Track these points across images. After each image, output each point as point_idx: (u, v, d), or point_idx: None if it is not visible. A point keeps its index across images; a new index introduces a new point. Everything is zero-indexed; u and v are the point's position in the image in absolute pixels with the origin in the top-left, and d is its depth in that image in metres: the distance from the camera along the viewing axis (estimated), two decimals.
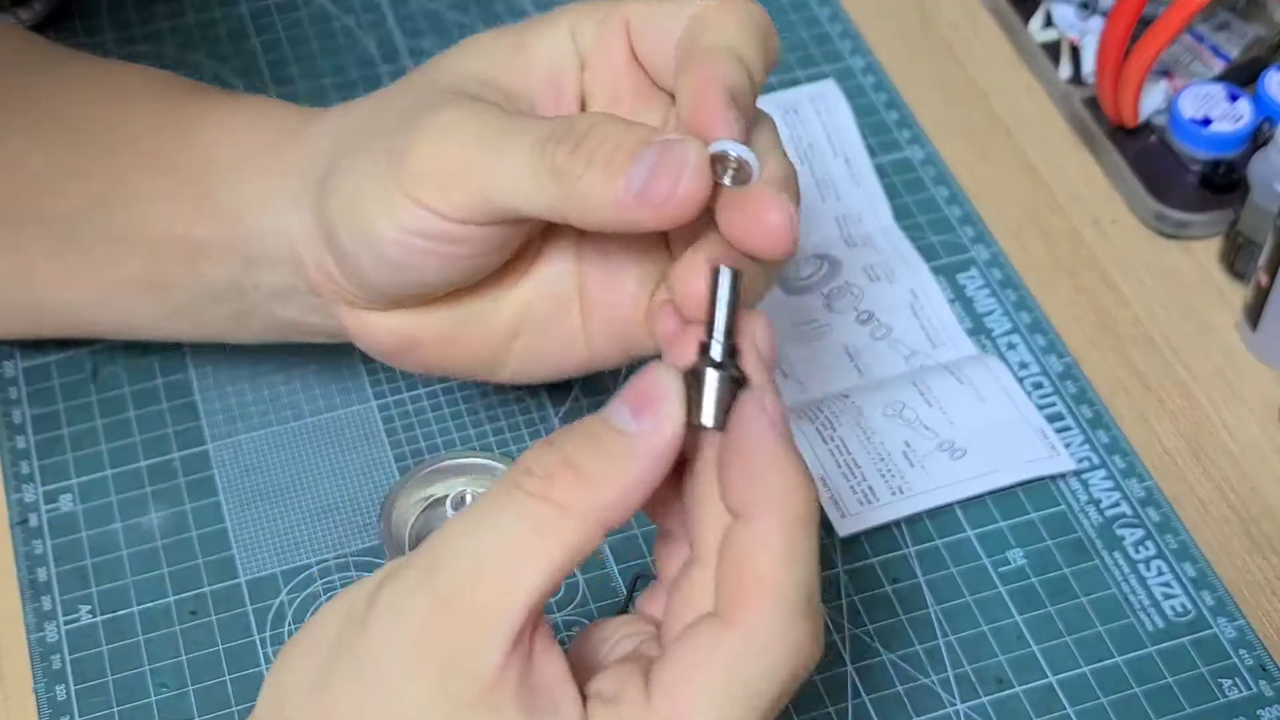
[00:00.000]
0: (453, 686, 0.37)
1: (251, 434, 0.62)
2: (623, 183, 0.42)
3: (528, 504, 0.38)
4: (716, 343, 0.41)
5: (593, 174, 0.42)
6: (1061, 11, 0.74)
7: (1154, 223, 0.68)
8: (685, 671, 0.38)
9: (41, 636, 0.56)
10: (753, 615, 0.37)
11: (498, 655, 0.37)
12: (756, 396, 0.40)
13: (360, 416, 0.62)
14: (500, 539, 0.38)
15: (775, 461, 0.39)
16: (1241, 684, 0.55)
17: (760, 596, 0.37)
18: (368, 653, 0.38)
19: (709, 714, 0.37)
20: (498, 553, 0.38)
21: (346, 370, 0.64)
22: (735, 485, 0.39)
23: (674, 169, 0.42)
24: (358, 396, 0.63)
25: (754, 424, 0.39)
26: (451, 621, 0.37)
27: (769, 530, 0.38)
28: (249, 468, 0.61)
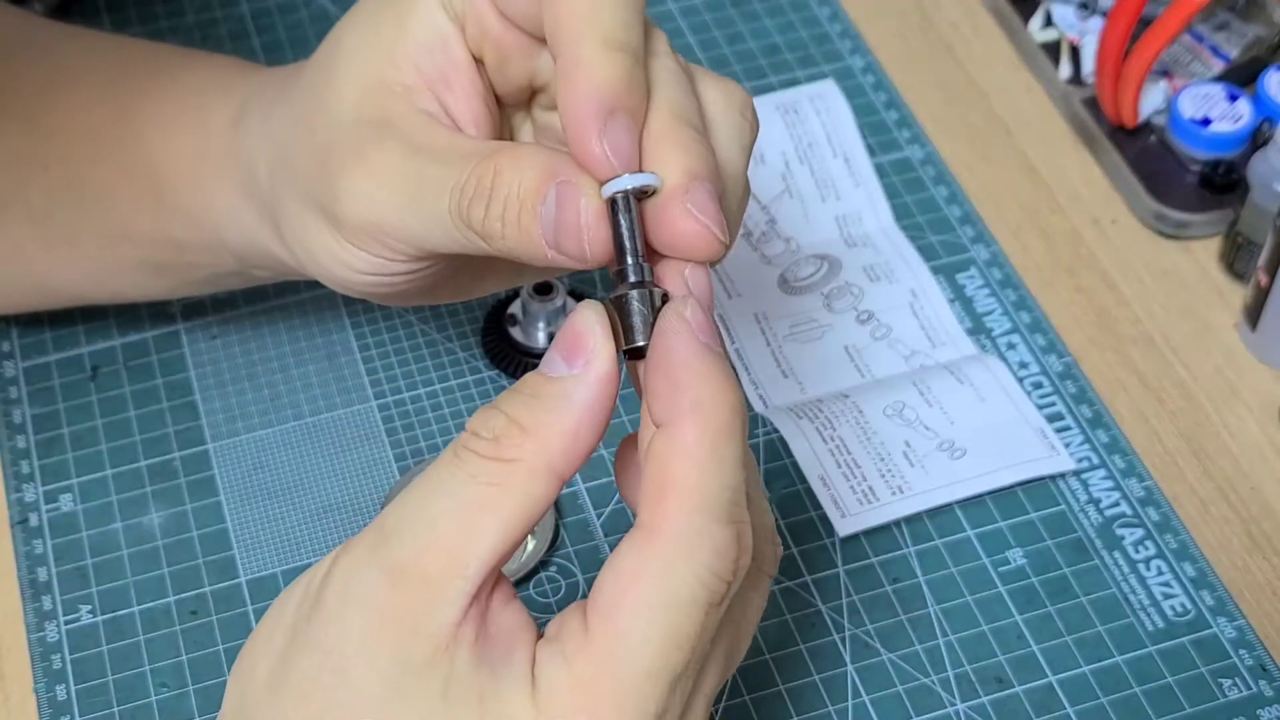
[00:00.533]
0: (408, 652, 0.37)
1: (251, 434, 0.62)
2: (538, 238, 0.41)
3: (476, 464, 0.38)
4: (630, 265, 0.40)
5: (510, 233, 0.42)
6: (1061, 11, 0.74)
7: (1154, 223, 0.68)
8: (616, 592, 0.37)
9: (42, 636, 0.56)
10: (677, 522, 0.37)
11: (454, 614, 0.37)
12: (677, 308, 0.39)
13: (360, 416, 0.62)
14: (450, 504, 0.38)
15: (696, 370, 0.38)
16: (1241, 684, 0.55)
17: (681, 502, 0.37)
18: (323, 635, 0.38)
19: (646, 629, 0.37)
20: (449, 518, 0.37)
21: (346, 370, 0.64)
22: (658, 396, 0.38)
23: (573, 229, 0.40)
24: (358, 396, 0.63)
25: (675, 335, 0.38)
26: (406, 592, 0.37)
27: (689, 437, 0.37)
28: (249, 468, 0.61)
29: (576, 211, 0.40)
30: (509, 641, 0.38)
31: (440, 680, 0.37)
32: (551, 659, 0.38)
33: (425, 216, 0.44)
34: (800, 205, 0.68)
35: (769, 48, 0.76)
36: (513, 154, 0.42)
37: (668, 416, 0.38)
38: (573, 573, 0.58)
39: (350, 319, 0.65)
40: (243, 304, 0.66)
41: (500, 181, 0.41)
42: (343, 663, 0.38)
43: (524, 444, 0.38)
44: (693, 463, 0.37)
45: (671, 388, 0.38)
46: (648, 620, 0.37)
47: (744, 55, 0.76)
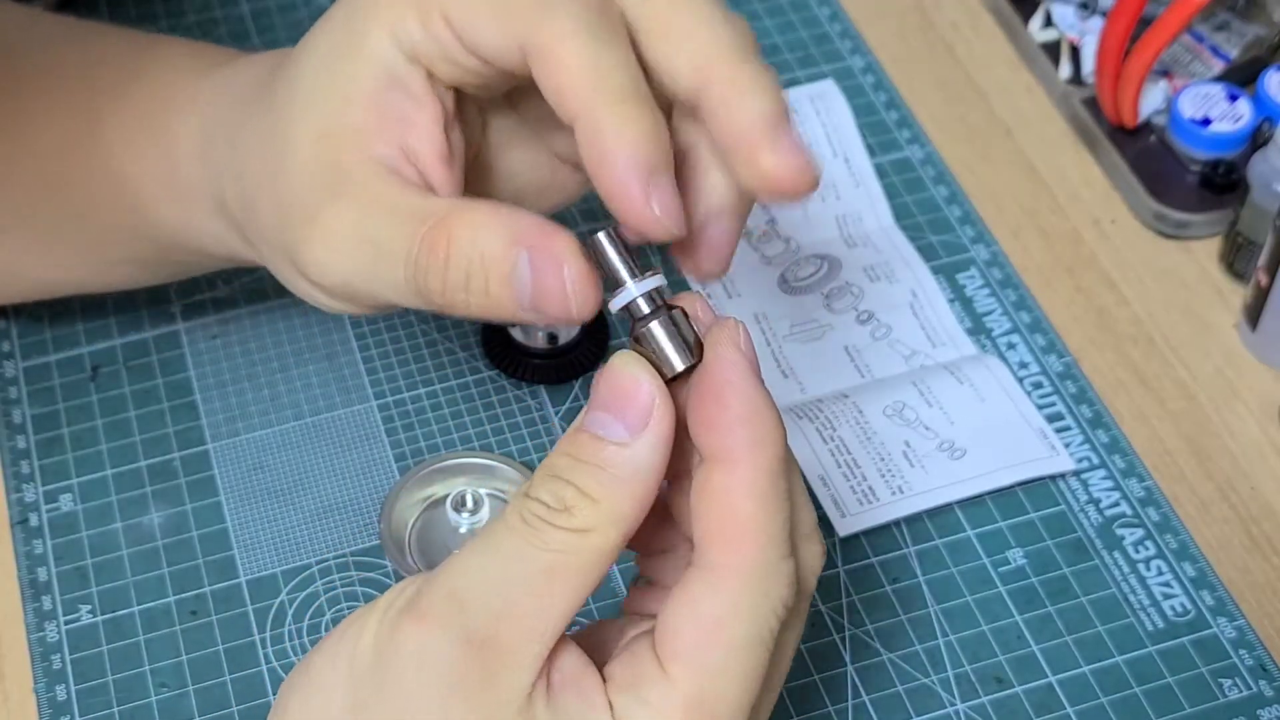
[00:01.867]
0: (486, 713, 0.37)
1: (251, 434, 0.62)
2: (511, 303, 0.40)
3: (550, 534, 0.38)
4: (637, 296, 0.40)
5: (476, 301, 0.41)
6: (1061, 12, 0.74)
7: (1154, 223, 0.68)
8: (700, 634, 0.38)
9: (42, 636, 0.56)
10: (754, 561, 0.37)
11: (530, 677, 0.38)
12: (730, 336, 0.39)
13: (360, 416, 0.62)
14: (526, 573, 0.38)
15: (755, 405, 0.38)
16: (1241, 684, 0.55)
17: (756, 541, 0.38)
18: (397, 702, 0.38)
19: (736, 668, 0.37)
20: (525, 589, 0.38)
21: (346, 370, 0.64)
22: (713, 430, 0.38)
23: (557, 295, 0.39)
24: (358, 396, 0.63)
25: (733, 368, 0.38)
26: (484, 661, 0.37)
27: (753, 475, 0.38)
28: (249, 468, 0.61)
29: (560, 280, 0.39)
30: (577, 687, 0.38)
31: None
32: (632, 705, 0.38)
33: (385, 284, 0.43)
34: (800, 205, 0.68)
35: (769, 48, 0.76)
36: (466, 219, 0.41)
37: (724, 453, 0.38)
38: None
39: (350, 319, 0.65)
40: (243, 304, 0.66)
41: (456, 250, 0.41)
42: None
43: (597, 515, 0.38)
44: (760, 501, 0.38)
45: (729, 423, 0.38)
46: (738, 660, 0.38)
47: None
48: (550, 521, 0.38)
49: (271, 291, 0.66)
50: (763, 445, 0.38)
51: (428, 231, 0.41)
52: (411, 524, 0.58)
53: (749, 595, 0.38)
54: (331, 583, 0.57)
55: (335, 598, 0.57)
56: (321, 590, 0.57)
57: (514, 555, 0.38)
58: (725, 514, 0.38)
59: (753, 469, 0.38)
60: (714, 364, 0.39)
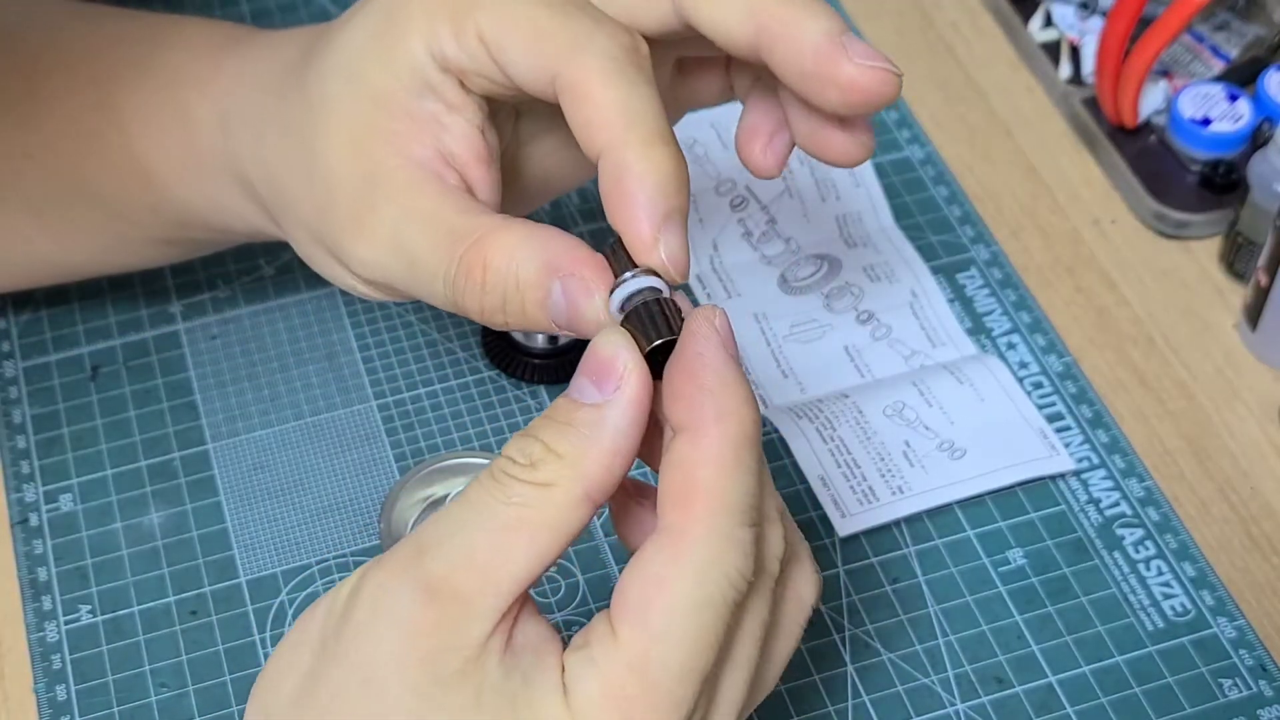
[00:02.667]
0: (440, 664, 0.38)
1: (251, 434, 0.62)
2: (546, 324, 0.42)
3: (513, 487, 0.38)
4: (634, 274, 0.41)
5: (513, 319, 0.43)
6: (1061, 11, 0.74)
7: (1154, 223, 0.68)
8: (645, 595, 0.38)
9: (42, 636, 0.56)
10: (707, 525, 0.38)
11: (485, 628, 0.38)
12: (707, 315, 0.40)
13: (360, 416, 0.62)
14: (486, 524, 0.38)
15: (722, 378, 0.39)
16: (1241, 684, 0.55)
17: (710, 507, 0.38)
18: (353, 648, 0.38)
19: (680, 630, 0.37)
20: (484, 538, 0.38)
21: (346, 370, 0.64)
22: (681, 400, 0.39)
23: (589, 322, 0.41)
24: (358, 396, 0.63)
25: (705, 341, 0.39)
26: (439, 608, 0.38)
27: (716, 444, 0.38)
28: (249, 468, 0.61)
29: (594, 312, 0.41)
30: (536, 651, 0.39)
31: (472, 690, 0.38)
32: (581, 664, 0.38)
33: (422, 289, 0.45)
34: (800, 205, 0.68)
35: None
36: (502, 244, 0.42)
37: (691, 422, 0.38)
38: (572, 573, 0.58)
39: (350, 319, 0.65)
40: (243, 304, 0.66)
41: (492, 275, 0.42)
42: (372, 675, 0.38)
43: (560, 469, 0.38)
44: (718, 468, 0.38)
45: (697, 393, 0.38)
46: (681, 622, 0.37)
47: None
48: (514, 475, 0.38)
49: (271, 291, 0.66)
50: (728, 417, 0.38)
51: (464, 254, 0.42)
52: (411, 524, 0.58)
53: (698, 559, 0.38)
54: (331, 583, 0.57)
55: None
56: (321, 590, 0.57)
57: (479, 508, 0.38)
58: (682, 480, 0.38)
59: (718, 439, 0.38)
60: (687, 339, 0.39)
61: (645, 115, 0.41)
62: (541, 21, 0.43)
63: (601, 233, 0.68)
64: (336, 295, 0.66)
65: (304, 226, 0.48)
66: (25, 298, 0.65)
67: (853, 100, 0.42)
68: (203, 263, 0.67)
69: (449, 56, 0.44)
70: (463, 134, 0.45)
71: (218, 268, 0.67)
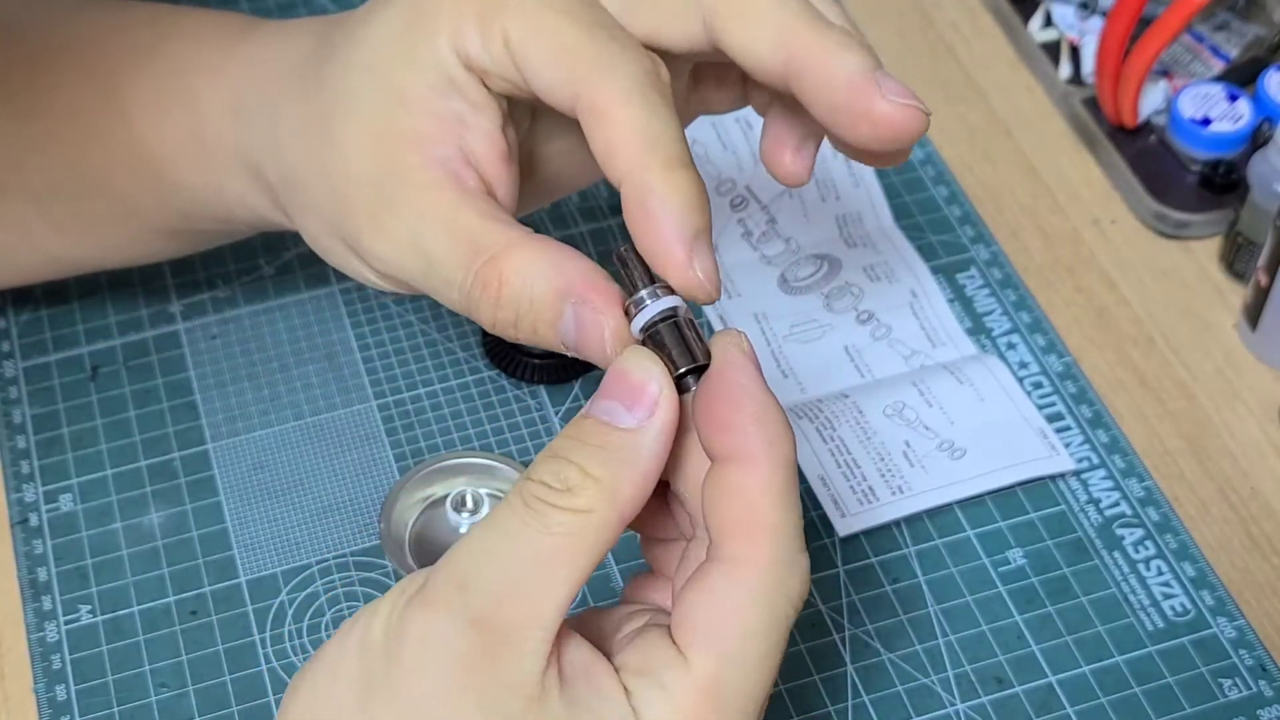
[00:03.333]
0: (499, 705, 0.38)
1: (251, 434, 0.62)
2: (556, 344, 0.43)
3: (552, 516, 0.38)
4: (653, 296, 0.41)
5: (524, 334, 0.43)
6: (1061, 12, 0.74)
7: (1153, 223, 0.68)
8: (717, 622, 0.38)
9: (42, 636, 0.56)
10: (772, 554, 0.38)
11: (539, 664, 0.38)
12: (734, 341, 0.40)
13: (360, 416, 0.62)
14: (529, 555, 0.38)
15: (765, 405, 0.39)
16: (1241, 684, 0.55)
17: (774, 535, 0.39)
18: (405, 687, 0.38)
19: (755, 655, 0.38)
20: (527, 569, 0.38)
21: (346, 370, 0.64)
22: (730, 430, 0.39)
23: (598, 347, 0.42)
24: (358, 396, 0.63)
25: (741, 370, 0.40)
26: (488, 643, 0.38)
27: (770, 473, 0.39)
28: (249, 468, 0.61)
29: (600, 333, 0.41)
30: (588, 676, 0.39)
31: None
32: (649, 689, 0.38)
33: (437, 292, 0.45)
34: (800, 205, 0.68)
35: None
36: (518, 262, 0.42)
37: (742, 452, 0.39)
38: None
39: (350, 319, 0.65)
40: (243, 304, 0.66)
41: (508, 293, 0.42)
42: (429, 715, 0.38)
43: (599, 495, 0.38)
44: (776, 497, 0.39)
45: (747, 423, 0.39)
46: (753, 647, 0.38)
47: None
48: (552, 502, 0.38)
49: (272, 291, 0.66)
50: (776, 444, 0.39)
51: (481, 268, 0.43)
52: (411, 524, 0.58)
53: (767, 586, 0.39)
54: (331, 583, 0.57)
55: (335, 598, 0.57)
56: (321, 590, 0.57)
57: (517, 537, 0.38)
58: (743, 510, 0.39)
59: (769, 467, 0.39)
60: (724, 368, 0.40)
61: (667, 140, 0.42)
62: (567, 37, 0.43)
63: (601, 233, 0.68)
64: (336, 295, 0.66)
65: (319, 219, 0.48)
66: (25, 297, 0.65)
67: (883, 136, 0.42)
68: (203, 262, 0.67)
69: (473, 56, 0.44)
70: (484, 133, 0.45)
71: (218, 267, 0.67)
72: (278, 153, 0.49)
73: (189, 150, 0.53)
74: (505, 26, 0.43)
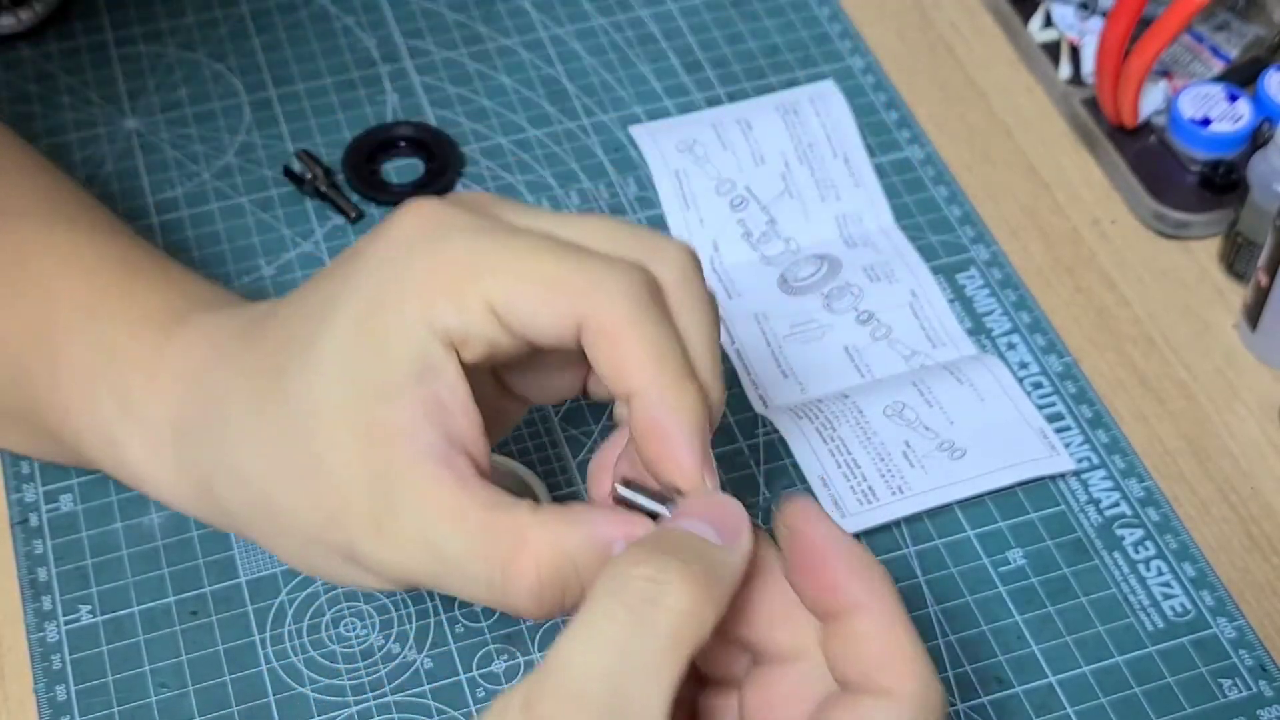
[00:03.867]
0: None
1: None
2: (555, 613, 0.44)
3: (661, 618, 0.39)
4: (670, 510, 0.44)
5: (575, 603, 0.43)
6: (1061, 12, 0.74)
7: (1153, 223, 0.68)
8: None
9: (42, 636, 0.56)
10: (917, 684, 0.40)
11: None
12: (809, 505, 0.42)
13: None
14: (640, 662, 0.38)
15: (864, 556, 0.41)
16: (1241, 684, 0.55)
17: (914, 667, 0.40)
18: None
19: None
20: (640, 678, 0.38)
21: None
22: (855, 578, 0.41)
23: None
24: None
25: (828, 527, 0.41)
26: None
27: (894, 609, 0.40)
28: None
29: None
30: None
31: None
32: None
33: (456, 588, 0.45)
34: (800, 205, 0.68)
35: (769, 48, 0.76)
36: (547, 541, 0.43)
37: (868, 597, 0.40)
38: None
39: None
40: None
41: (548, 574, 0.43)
42: None
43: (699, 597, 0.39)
44: (905, 629, 0.40)
45: (864, 571, 0.41)
46: None
47: (744, 55, 0.76)
48: (657, 602, 0.39)
49: (272, 291, 0.66)
50: (880, 586, 0.41)
51: (509, 562, 0.43)
52: None
53: (920, 710, 0.40)
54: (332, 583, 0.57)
55: (335, 597, 0.57)
56: (322, 590, 0.57)
57: (626, 644, 0.38)
58: (888, 646, 0.40)
59: (893, 604, 0.41)
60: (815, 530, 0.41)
61: (672, 353, 0.43)
62: (552, 274, 0.43)
63: None
64: None
65: (299, 537, 0.46)
66: None
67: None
68: (202, 263, 0.67)
69: (452, 329, 0.43)
70: (462, 409, 0.44)
71: (218, 268, 0.67)
72: (237, 480, 0.47)
73: (114, 443, 0.52)
74: (486, 290, 0.43)
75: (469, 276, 0.43)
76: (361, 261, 0.45)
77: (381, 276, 0.44)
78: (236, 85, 0.74)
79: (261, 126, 0.72)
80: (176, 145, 0.71)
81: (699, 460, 0.43)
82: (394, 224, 0.45)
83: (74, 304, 0.52)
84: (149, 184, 0.70)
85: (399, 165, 0.71)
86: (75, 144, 0.71)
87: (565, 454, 0.61)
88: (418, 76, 0.74)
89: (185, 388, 0.49)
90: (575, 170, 0.71)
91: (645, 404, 0.43)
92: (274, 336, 0.47)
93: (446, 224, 0.44)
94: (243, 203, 0.69)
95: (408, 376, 0.43)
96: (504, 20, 0.77)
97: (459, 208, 0.45)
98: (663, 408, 0.43)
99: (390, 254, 0.44)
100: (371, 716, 0.54)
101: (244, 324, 0.49)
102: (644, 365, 0.43)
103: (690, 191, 0.68)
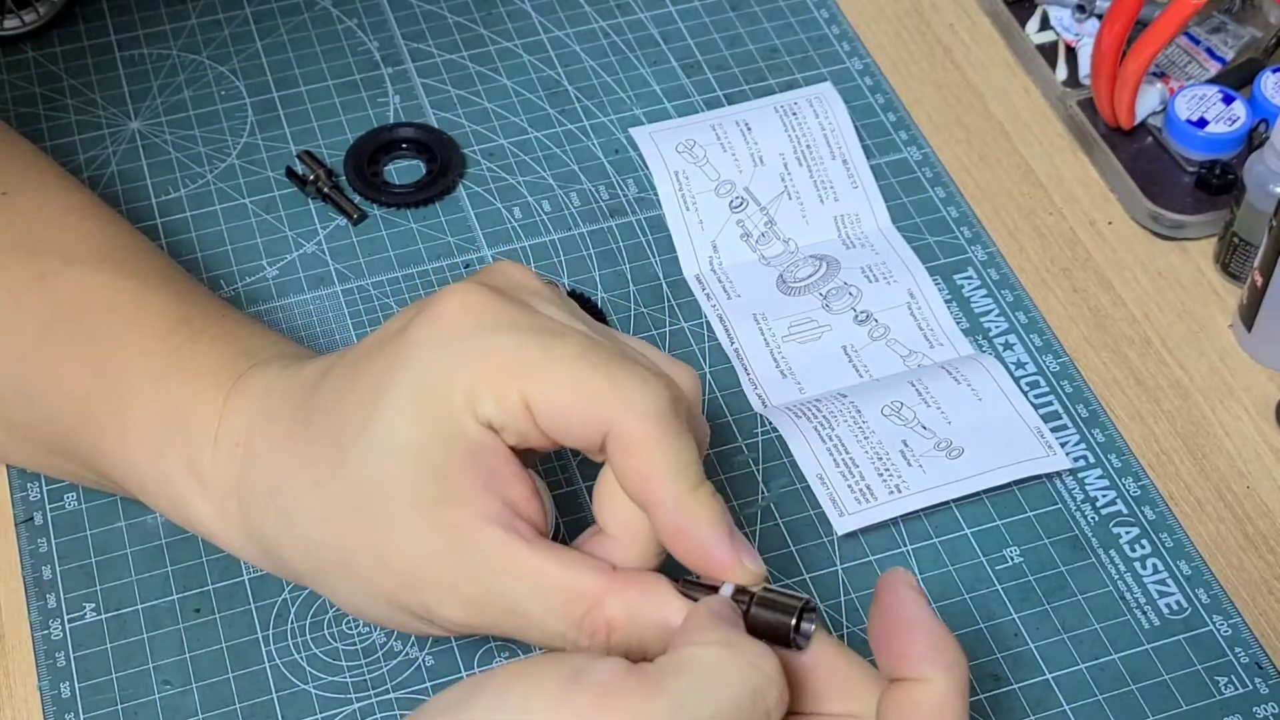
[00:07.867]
0: None
1: None
2: None
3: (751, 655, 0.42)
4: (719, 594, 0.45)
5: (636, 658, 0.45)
6: (1058, 14, 0.74)
7: (1149, 223, 0.69)
8: None
9: (46, 634, 0.56)
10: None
11: None
12: (902, 574, 0.44)
13: None
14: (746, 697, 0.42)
15: (941, 633, 0.43)
16: (1237, 681, 0.55)
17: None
18: None
19: None
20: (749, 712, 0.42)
21: None
22: (913, 653, 0.43)
23: None
24: None
25: (913, 600, 0.43)
26: None
27: (955, 690, 0.43)
28: None
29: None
30: None
31: None
32: None
33: (535, 642, 0.47)
34: (799, 206, 0.69)
35: (767, 50, 0.76)
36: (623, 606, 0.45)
37: (931, 671, 0.42)
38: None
39: (352, 319, 0.65)
40: (244, 304, 0.66)
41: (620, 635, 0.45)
42: None
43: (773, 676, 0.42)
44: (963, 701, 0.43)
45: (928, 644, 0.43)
46: None
47: (743, 58, 0.76)
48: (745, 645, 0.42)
49: (273, 291, 0.66)
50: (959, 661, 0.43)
51: (584, 620, 0.45)
52: None
53: None
54: None
55: None
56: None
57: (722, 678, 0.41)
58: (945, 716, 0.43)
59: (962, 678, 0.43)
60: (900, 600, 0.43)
61: (691, 465, 0.45)
62: (587, 383, 0.45)
63: (599, 234, 0.68)
64: (339, 295, 0.66)
65: (370, 593, 0.49)
66: None
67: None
68: (204, 263, 0.67)
69: (492, 418, 0.46)
70: (516, 478, 0.47)
71: (219, 268, 0.67)
72: (305, 548, 0.49)
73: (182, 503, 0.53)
74: (524, 388, 0.45)
75: (511, 374, 0.46)
76: (409, 343, 0.47)
77: (430, 361, 0.46)
78: (239, 87, 0.74)
79: (264, 128, 0.72)
80: (179, 146, 0.72)
81: (729, 553, 0.45)
82: (440, 307, 0.47)
83: (144, 369, 0.53)
84: (152, 185, 0.70)
85: (401, 166, 0.72)
86: (79, 145, 0.71)
87: (565, 453, 0.61)
88: (419, 78, 0.75)
89: (245, 452, 0.51)
90: (575, 171, 0.71)
91: (664, 514, 0.45)
92: (327, 409, 0.49)
93: (492, 318, 0.46)
94: (245, 204, 0.70)
95: (465, 458, 0.46)
96: (505, 23, 0.77)
97: (503, 301, 0.47)
98: (684, 516, 0.45)
99: (438, 339, 0.46)
100: (374, 714, 0.54)
101: (293, 388, 0.51)
102: (664, 481, 0.45)
103: (690, 192, 0.69)
